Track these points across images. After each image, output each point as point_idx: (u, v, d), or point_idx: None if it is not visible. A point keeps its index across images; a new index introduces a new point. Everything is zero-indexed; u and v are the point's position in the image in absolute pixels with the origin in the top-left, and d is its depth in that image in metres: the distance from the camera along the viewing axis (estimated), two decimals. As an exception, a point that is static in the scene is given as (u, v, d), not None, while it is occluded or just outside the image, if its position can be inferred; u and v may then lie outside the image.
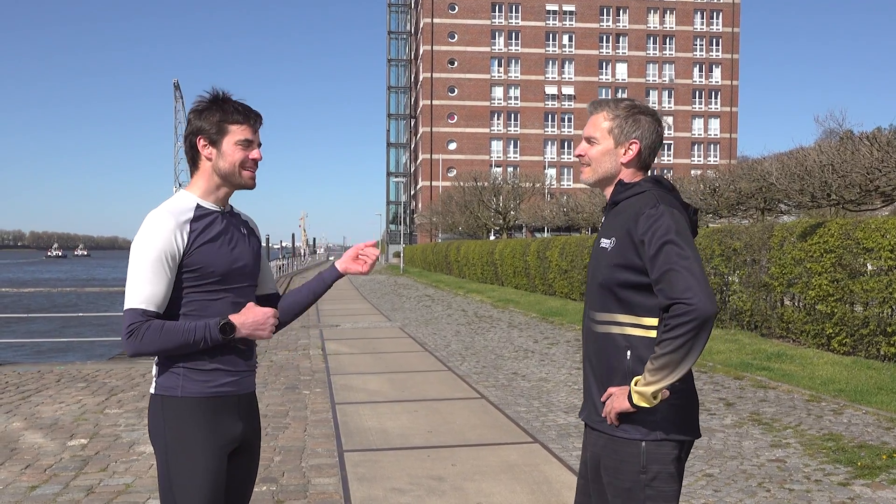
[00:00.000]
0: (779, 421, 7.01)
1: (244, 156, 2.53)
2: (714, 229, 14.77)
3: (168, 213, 2.43)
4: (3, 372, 9.98)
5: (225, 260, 2.52)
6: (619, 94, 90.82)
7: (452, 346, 12.73)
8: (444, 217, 60.92)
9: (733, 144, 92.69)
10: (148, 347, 2.35)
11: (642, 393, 2.31)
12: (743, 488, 5.13)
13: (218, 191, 2.57)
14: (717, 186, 25.34)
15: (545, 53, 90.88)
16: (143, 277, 2.37)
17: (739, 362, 10.05)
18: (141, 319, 2.35)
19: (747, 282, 13.16)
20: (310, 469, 5.66)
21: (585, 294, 2.63)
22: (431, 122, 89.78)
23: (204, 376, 2.46)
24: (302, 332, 14.88)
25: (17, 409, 7.63)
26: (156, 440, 2.47)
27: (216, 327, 2.41)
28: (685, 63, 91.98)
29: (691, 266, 2.29)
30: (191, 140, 2.54)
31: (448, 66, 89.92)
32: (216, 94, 2.55)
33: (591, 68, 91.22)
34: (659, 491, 2.40)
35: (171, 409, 2.44)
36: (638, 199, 2.47)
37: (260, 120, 2.59)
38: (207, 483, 2.42)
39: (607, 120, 2.55)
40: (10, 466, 5.67)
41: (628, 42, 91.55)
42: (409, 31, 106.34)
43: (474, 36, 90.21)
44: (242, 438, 2.57)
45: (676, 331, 2.25)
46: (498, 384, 9.10)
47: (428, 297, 25.54)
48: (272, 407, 7.80)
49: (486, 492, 5.10)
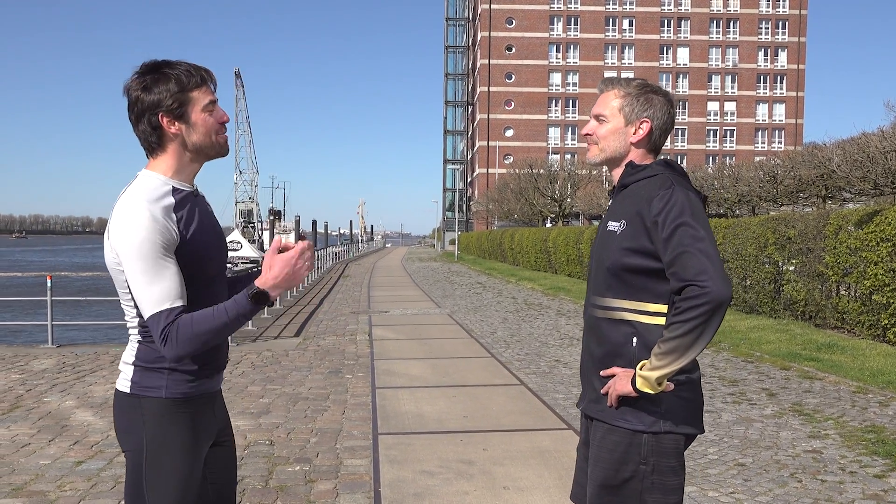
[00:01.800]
0: (821, 412, 6.88)
1: (214, 121, 2.29)
2: (768, 217, 14.47)
3: (147, 202, 2.17)
4: (63, 353, 10.39)
5: (215, 245, 2.34)
6: (681, 80, 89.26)
7: (498, 332, 12.77)
8: (500, 204, 60.76)
9: (799, 130, 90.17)
10: (187, 346, 2.14)
11: (647, 378, 2.24)
12: (774, 478, 5.06)
13: (189, 167, 2.31)
14: (776, 173, 24.74)
15: (604, 38, 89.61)
16: (151, 278, 2.13)
17: (788, 352, 9.86)
18: (169, 321, 2.13)
19: (801, 271, 12.87)
20: (344, 451, 5.78)
21: (588, 279, 2.56)
22: (488, 108, 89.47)
23: (189, 376, 2.29)
24: (351, 317, 15.09)
25: (71, 389, 7.95)
26: (129, 441, 2.28)
27: (245, 300, 2.17)
28: (749, 47, 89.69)
29: (707, 249, 2.21)
30: (150, 119, 2.22)
31: (505, 53, 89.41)
32: (157, 62, 2.25)
33: (652, 53, 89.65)
34: (659, 484, 2.33)
35: (151, 410, 2.25)
36: (650, 181, 2.38)
37: (214, 77, 2.33)
38: (183, 485, 2.26)
39: (618, 98, 2.48)
40: (59, 442, 5.93)
41: (690, 26, 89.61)
42: (467, 17, 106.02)
43: (532, 21, 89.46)
44: (216, 433, 2.42)
45: (688, 314, 2.18)
46: (539, 371, 9.11)
47: (479, 285, 25.59)
48: (314, 390, 7.96)
49: (513, 476, 5.14)
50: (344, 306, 17.65)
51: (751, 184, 25.81)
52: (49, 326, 11.14)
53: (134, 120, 2.25)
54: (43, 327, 12.02)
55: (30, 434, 6.16)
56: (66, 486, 4.90)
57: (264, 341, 11.62)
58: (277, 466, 5.37)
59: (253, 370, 9.09)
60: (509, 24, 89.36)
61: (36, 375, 8.69)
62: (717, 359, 9.87)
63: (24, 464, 5.38)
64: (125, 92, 2.25)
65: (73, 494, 4.76)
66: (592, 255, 2.54)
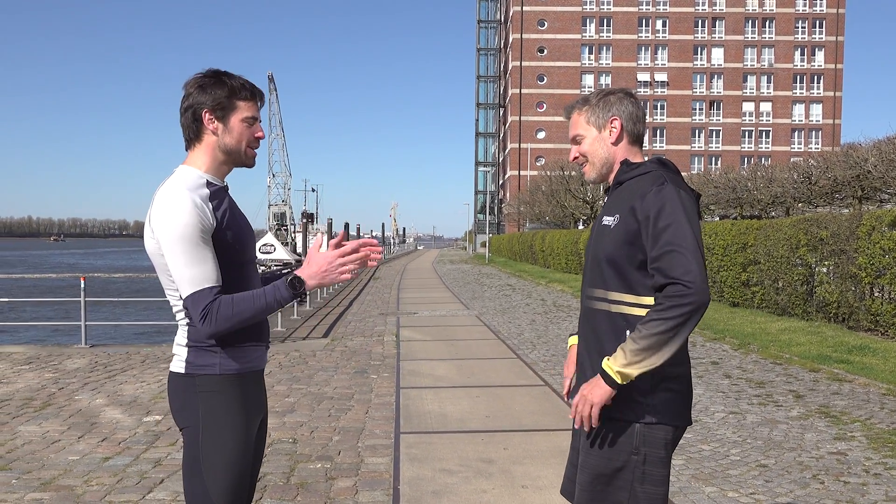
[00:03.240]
0: (848, 414, 6.79)
1: (250, 133, 2.49)
2: (800, 218, 14.28)
3: (188, 190, 2.34)
4: (95, 353, 10.59)
5: (247, 232, 2.51)
6: (715, 81, 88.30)
7: (525, 334, 12.76)
8: (531, 207, 60.63)
9: (837, 131, 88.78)
10: (224, 324, 2.29)
11: (626, 374, 2.28)
12: (796, 479, 5.02)
13: (221, 167, 2.49)
14: (810, 174, 24.40)
15: (637, 39, 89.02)
16: (191, 259, 2.29)
17: (818, 355, 9.73)
18: (209, 300, 2.29)
19: (834, 273, 12.68)
20: (365, 449, 5.83)
21: (584, 273, 2.63)
22: (520, 110, 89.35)
23: (240, 352, 2.44)
24: (379, 319, 15.18)
25: (102, 387, 8.11)
26: (186, 419, 2.43)
27: (284, 286, 2.35)
28: (786, 46, 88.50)
29: (694, 249, 2.27)
30: (195, 111, 2.42)
31: (537, 55, 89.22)
32: (219, 71, 2.47)
33: (686, 54, 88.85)
34: (649, 474, 2.38)
35: (205, 387, 2.40)
36: (643, 178, 2.46)
37: (263, 98, 2.55)
38: (239, 460, 2.42)
39: (582, 115, 2.61)
40: (88, 439, 6.06)
41: (725, 26, 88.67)
42: (498, 19, 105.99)
43: (565, 23, 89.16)
44: (264, 411, 2.59)
45: (670, 311, 2.23)
46: (564, 372, 9.08)
47: (509, 287, 25.57)
48: (339, 390, 8.03)
49: (532, 475, 5.15)
50: (373, 308, 17.75)
51: (784, 185, 25.48)
52: (83, 327, 11.36)
53: (182, 110, 2.45)
54: (77, 327, 12.26)
55: (60, 431, 6.30)
56: (92, 482, 5.01)
57: (293, 342, 11.73)
58: (299, 464, 5.43)
59: (280, 370, 9.19)
60: (541, 26, 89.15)
61: (68, 374, 8.87)
62: (746, 361, 9.77)
63: (54, 459, 5.50)
64: (184, 86, 2.46)
65: (99, 489, 4.86)
66: (588, 249, 2.61)
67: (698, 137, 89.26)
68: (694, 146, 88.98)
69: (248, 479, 2.48)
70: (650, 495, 2.39)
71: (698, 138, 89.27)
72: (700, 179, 35.53)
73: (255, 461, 2.53)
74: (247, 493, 2.48)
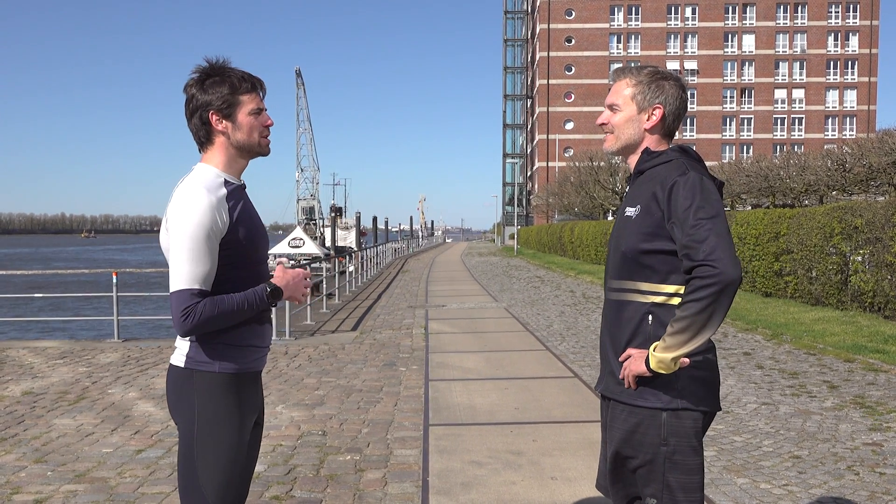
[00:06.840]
0: (884, 405, 6.67)
1: (259, 124, 2.51)
2: (834, 206, 14.04)
3: (206, 190, 2.37)
4: (128, 347, 10.73)
5: (261, 233, 2.53)
6: (746, 68, 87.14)
7: (554, 326, 12.71)
8: (560, 198, 60.32)
9: (872, 117, 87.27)
10: (204, 326, 2.33)
11: (661, 359, 2.28)
12: (830, 471, 4.94)
13: (236, 163, 2.53)
14: (844, 161, 23.99)
15: (667, 27, 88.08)
16: (193, 257, 2.32)
17: (852, 344, 9.58)
18: (196, 300, 2.31)
19: (869, 261, 12.47)
20: (394, 441, 5.84)
21: (606, 264, 2.60)
22: (548, 101, 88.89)
23: (241, 353, 2.47)
24: (408, 312, 15.20)
25: (135, 381, 8.22)
26: (181, 414, 2.45)
27: (264, 294, 2.42)
28: (818, 32, 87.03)
29: (720, 231, 2.25)
30: (202, 115, 2.46)
31: (565, 44, 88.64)
32: (215, 64, 2.49)
33: (716, 41, 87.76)
34: (681, 464, 2.36)
35: (203, 384, 2.43)
36: (665, 167, 2.43)
37: (264, 86, 2.56)
38: (232, 458, 2.44)
39: (630, 86, 2.51)
40: (121, 432, 6.14)
41: (756, 12, 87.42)
42: (525, 10, 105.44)
43: (592, 12, 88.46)
44: (260, 410, 2.62)
45: (700, 293, 2.21)
46: (594, 364, 9.04)
47: (538, 279, 25.48)
48: (367, 382, 8.06)
49: (562, 466, 5.13)
50: (402, 301, 17.79)
51: (818, 173, 25.09)
52: (115, 321, 11.51)
53: (188, 115, 2.49)
54: (109, 322, 12.42)
55: (94, 424, 6.39)
56: (126, 474, 5.08)
57: (322, 335, 11.79)
58: (329, 456, 5.46)
59: (309, 363, 9.24)
60: (568, 16, 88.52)
61: (102, 368, 9.00)
62: (779, 351, 9.64)
63: (88, 452, 5.58)
64: (184, 89, 2.49)
65: (132, 481, 4.93)
66: (611, 240, 2.58)
67: (729, 126, 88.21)
68: (725, 135, 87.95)
69: (241, 478, 2.50)
70: (684, 485, 2.36)
71: (729, 127, 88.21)
72: (731, 168, 35.07)
73: (248, 460, 2.55)
74: (240, 490, 2.50)
